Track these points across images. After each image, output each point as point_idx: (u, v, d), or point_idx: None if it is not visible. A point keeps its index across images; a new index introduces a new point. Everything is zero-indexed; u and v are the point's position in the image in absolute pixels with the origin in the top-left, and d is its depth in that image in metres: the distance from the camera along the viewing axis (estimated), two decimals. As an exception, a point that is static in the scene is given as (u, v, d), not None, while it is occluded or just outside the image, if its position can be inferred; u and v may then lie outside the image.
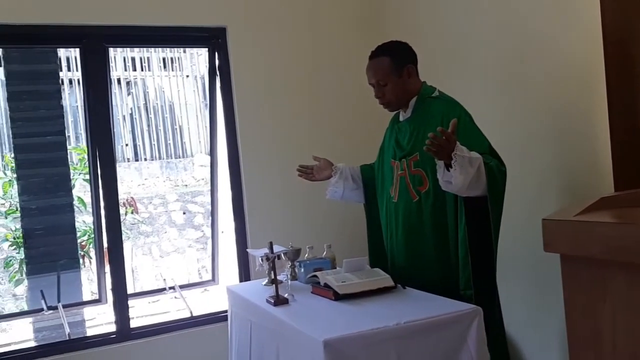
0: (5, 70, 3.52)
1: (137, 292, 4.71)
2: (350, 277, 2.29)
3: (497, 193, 2.16)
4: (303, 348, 1.90)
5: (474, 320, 1.93)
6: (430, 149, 2.03)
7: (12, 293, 5.86)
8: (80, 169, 5.96)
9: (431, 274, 2.34)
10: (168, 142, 8.00)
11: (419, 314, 1.93)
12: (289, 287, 2.35)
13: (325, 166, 2.76)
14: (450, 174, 2.07)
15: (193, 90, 8.14)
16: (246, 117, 3.34)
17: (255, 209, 3.35)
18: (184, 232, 7.21)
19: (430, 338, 1.88)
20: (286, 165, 2.99)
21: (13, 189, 5.52)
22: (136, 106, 7.92)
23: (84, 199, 5.61)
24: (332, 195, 2.78)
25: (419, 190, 2.35)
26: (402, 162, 2.42)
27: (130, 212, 6.87)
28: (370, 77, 2.45)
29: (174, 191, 7.53)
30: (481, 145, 2.21)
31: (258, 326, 2.35)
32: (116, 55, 7.56)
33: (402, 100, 2.45)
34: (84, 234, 5.79)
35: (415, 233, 2.38)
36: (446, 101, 2.39)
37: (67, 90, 6.85)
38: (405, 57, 2.42)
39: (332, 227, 3.35)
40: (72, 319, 3.76)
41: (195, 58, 8.11)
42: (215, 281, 3.61)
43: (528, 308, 2.70)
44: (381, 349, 1.82)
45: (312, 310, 2.14)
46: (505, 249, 2.38)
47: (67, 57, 6.92)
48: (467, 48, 2.94)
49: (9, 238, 5.78)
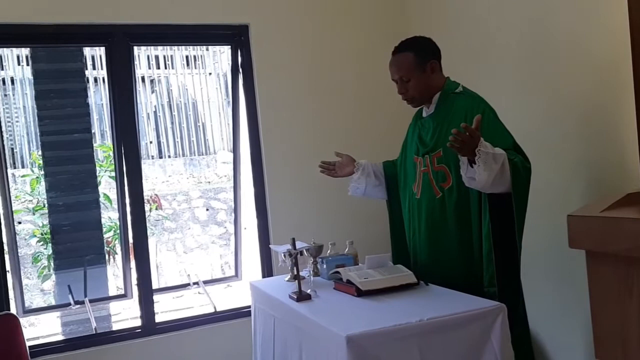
0: (33, 69, 3.58)
1: (161, 287, 4.75)
2: (372, 274, 2.29)
3: (522, 189, 2.14)
4: (326, 344, 1.90)
5: (497, 317, 1.91)
6: (453, 145, 2.02)
7: (40, 288, 5.97)
8: (106, 166, 6.04)
9: (454, 270, 2.32)
10: (191, 140, 8.07)
11: (442, 310, 1.92)
12: (312, 283, 2.36)
13: (348, 162, 2.76)
14: (474, 170, 2.06)
15: (216, 88, 8.19)
16: (269, 114, 3.36)
17: (278, 206, 3.36)
18: (207, 228, 7.28)
19: (454, 335, 1.87)
20: (308, 161, 2.99)
21: (40, 185, 5.63)
22: (160, 104, 8.00)
23: (109, 195, 5.70)
24: (355, 191, 2.78)
25: (442, 187, 2.34)
26: (425, 159, 2.41)
27: (155, 208, 6.96)
28: (394, 72, 2.44)
29: (197, 188, 7.60)
30: (505, 141, 2.18)
31: (281, 322, 2.36)
32: (140, 53, 7.64)
33: (425, 96, 2.43)
34: (110, 230, 5.88)
35: (438, 229, 2.37)
36: (470, 97, 2.37)
37: (92, 89, 6.95)
38: (429, 53, 2.41)
39: (355, 224, 3.35)
40: (99, 313, 3.82)
41: (217, 56, 8.16)
42: (238, 277, 3.64)
43: (553, 305, 2.67)
44: (404, 346, 1.82)
45: (335, 306, 2.15)
46: (530, 246, 2.36)
47: (92, 55, 7.02)
48: (492, 43, 2.91)
49: (36, 234, 5.89)
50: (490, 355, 1.89)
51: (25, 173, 6.43)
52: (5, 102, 6.87)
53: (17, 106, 7.02)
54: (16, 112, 7.04)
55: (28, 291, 5.78)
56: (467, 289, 2.17)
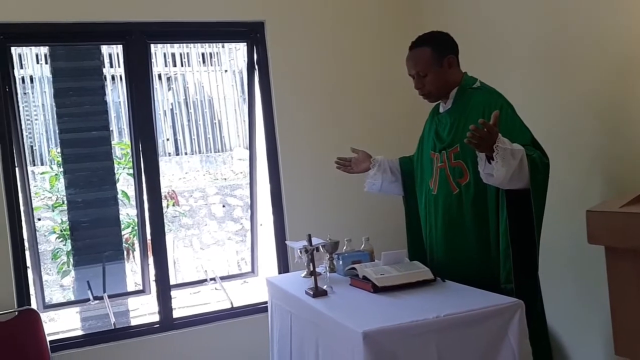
0: (52, 68, 3.62)
1: (179, 283, 4.80)
2: (388, 270, 2.28)
3: (540, 185, 2.11)
4: (342, 339, 1.91)
5: (515, 314, 1.90)
6: (471, 142, 2.00)
7: (60, 284, 6.05)
8: (124, 164, 6.10)
9: (471, 267, 2.31)
10: (207, 137, 8.12)
11: (459, 306, 1.91)
12: (328, 279, 2.37)
13: (364, 158, 2.76)
14: (492, 166, 2.04)
15: (231, 85, 8.22)
16: (284, 110, 3.36)
17: (294, 202, 3.37)
18: (223, 224, 7.32)
19: (471, 331, 1.87)
20: (324, 157, 2.99)
21: (60, 182, 5.71)
22: (176, 101, 8.06)
23: (127, 192, 5.76)
24: (371, 187, 2.77)
25: (459, 183, 2.32)
26: (442, 154, 2.40)
27: (172, 204, 7.01)
28: (410, 67, 2.43)
29: (214, 184, 7.64)
30: (524, 136, 2.16)
31: (298, 317, 2.37)
32: (157, 51, 7.70)
33: (442, 91, 2.42)
34: (128, 226, 5.93)
35: (455, 226, 2.35)
36: (488, 92, 2.35)
37: (109, 87, 7.01)
38: (446, 48, 2.39)
39: (371, 220, 3.34)
40: (117, 309, 3.86)
41: (233, 53, 8.19)
42: (255, 273, 3.66)
43: (571, 301, 2.64)
44: (420, 342, 1.81)
45: (351, 302, 2.15)
46: (548, 242, 2.33)
47: (110, 53, 7.08)
48: (508, 39, 2.89)
49: (56, 230, 5.97)
50: (508, 352, 1.88)
51: (45, 170, 6.52)
52: (25, 100, 6.97)
53: (36, 104, 7.11)
54: (35, 110, 7.13)
55: (48, 287, 5.86)
56: (484, 285, 2.16)
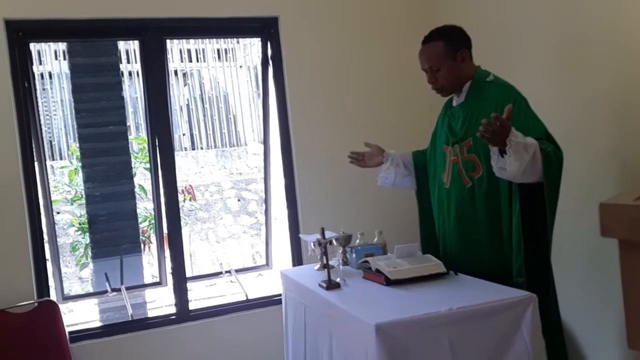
0: (70, 64, 3.67)
1: (195, 275, 4.85)
2: (401, 263, 2.30)
3: (553, 179, 2.11)
4: (355, 332, 1.93)
5: (528, 307, 1.90)
6: (484, 136, 2.00)
7: (78, 276, 6.14)
8: (140, 158, 6.16)
9: (484, 260, 2.32)
10: (223, 132, 8.16)
11: (472, 299, 1.92)
12: (341, 272, 2.39)
13: (377, 152, 2.77)
14: (505, 160, 2.04)
15: (246, 81, 8.25)
16: (298, 105, 3.38)
17: (307, 196, 3.39)
18: (238, 218, 7.37)
19: (483, 324, 1.88)
20: (337, 152, 3.01)
21: (78, 177, 5.78)
22: (192, 97, 8.11)
23: (144, 186, 5.82)
24: (384, 181, 2.78)
25: (472, 176, 2.33)
26: (455, 148, 2.40)
27: (189, 199, 7.07)
28: (423, 62, 2.43)
29: (229, 179, 7.69)
30: (537, 130, 2.16)
31: (311, 309, 2.39)
32: (172, 47, 7.75)
33: (455, 85, 2.42)
34: (145, 220, 6.00)
35: (467, 219, 2.36)
36: (501, 86, 2.34)
37: (127, 82, 7.08)
38: (459, 41, 2.39)
39: (383, 214, 3.35)
40: (134, 300, 3.91)
41: (248, 48, 8.21)
42: (269, 266, 3.69)
43: (585, 295, 2.63)
44: (433, 334, 1.83)
45: (364, 295, 2.17)
46: (562, 236, 2.33)
47: (127, 49, 7.14)
48: (525, 31, 2.87)
49: (74, 224, 6.05)
50: (521, 345, 1.89)
51: (64, 165, 6.61)
52: (44, 96, 7.06)
53: (55, 100, 7.21)
54: (54, 106, 7.23)
55: (67, 279, 5.95)
56: (497, 279, 2.17)
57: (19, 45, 2.98)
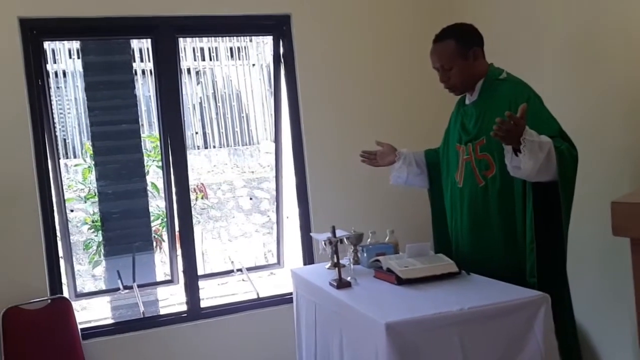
0: (83, 62, 3.69)
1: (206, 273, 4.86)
2: (413, 262, 2.28)
3: (568, 178, 2.08)
4: (365, 331, 1.91)
5: (541, 308, 1.88)
6: (497, 135, 1.98)
7: (92, 274, 6.19)
8: (153, 156, 6.19)
9: (497, 260, 2.29)
10: (235, 130, 8.18)
11: (484, 299, 1.90)
12: (352, 270, 2.37)
13: (389, 151, 2.75)
14: (519, 159, 2.01)
15: (259, 79, 8.27)
16: (310, 104, 3.37)
17: (319, 195, 3.38)
18: (250, 217, 7.38)
19: (495, 324, 1.85)
20: (349, 150, 3.00)
21: (92, 175, 5.82)
22: (205, 95, 8.13)
23: (157, 184, 5.84)
24: (396, 180, 2.77)
25: (485, 175, 2.30)
26: (468, 147, 2.38)
27: (201, 197, 7.10)
28: (435, 61, 2.41)
29: (241, 177, 7.71)
30: (551, 128, 2.13)
31: (322, 308, 2.38)
32: (186, 45, 7.78)
33: (467, 84, 2.40)
34: (157, 218, 6.02)
35: (480, 219, 2.34)
36: (514, 83, 2.32)
37: (140, 81, 7.11)
38: (471, 40, 2.37)
39: (395, 213, 3.34)
40: (147, 298, 3.93)
41: (261, 47, 8.22)
42: (281, 264, 3.69)
43: (600, 295, 2.60)
44: (444, 334, 1.81)
45: (375, 294, 2.15)
46: (576, 235, 2.30)
47: (140, 48, 7.18)
48: (536, 26, 2.84)
49: (88, 222, 6.10)
50: (533, 346, 1.87)
51: (78, 163, 6.66)
52: (58, 94, 7.12)
53: (69, 98, 7.26)
54: (68, 104, 7.28)
55: (80, 277, 6.00)
56: (510, 279, 2.14)
57: (33, 43, 3.00)
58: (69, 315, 2.96)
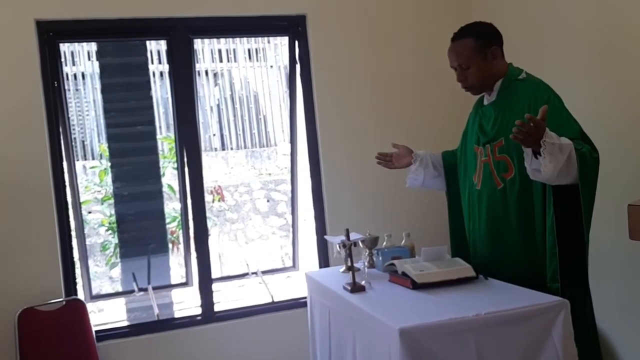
0: (100, 64, 3.70)
1: (221, 276, 4.85)
2: (429, 266, 2.24)
3: (589, 181, 2.03)
4: (379, 336, 1.88)
5: (560, 314, 1.83)
6: (517, 137, 1.93)
7: (109, 275, 6.22)
8: (169, 158, 6.20)
9: (516, 265, 2.24)
10: (253, 132, 8.17)
11: (501, 305, 1.86)
12: (366, 274, 2.33)
13: (405, 153, 2.71)
14: (539, 161, 1.96)
15: (277, 81, 8.25)
16: (325, 105, 3.34)
17: (335, 197, 3.35)
18: (267, 219, 7.36)
19: (512, 330, 1.81)
20: (365, 152, 2.96)
21: (108, 176, 5.84)
22: (223, 97, 8.14)
23: (173, 186, 5.84)
24: (412, 183, 2.73)
25: (504, 177, 2.25)
26: (486, 148, 2.33)
27: (218, 200, 7.09)
28: (453, 60, 2.36)
29: (258, 179, 7.70)
30: (572, 130, 2.07)
31: (336, 312, 2.35)
32: (204, 47, 7.79)
33: (486, 84, 2.35)
34: (174, 220, 6.02)
35: (499, 222, 2.28)
36: (534, 84, 2.26)
37: (158, 83, 7.14)
38: (490, 38, 2.32)
39: (412, 215, 3.29)
40: (162, 300, 3.93)
41: (279, 48, 8.21)
42: (296, 267, 3.66)
43: (622, 300, 2.53)
44: (459, 340, 1.77)
45: (389, 299, 2.11)
46: (597, 239, 2.24)
47: (158, 50, 7.21)
48: (558, 25, 2.78)
49: (105, 223, 6.13)
50: (552, 352, 1.81)
51: (94, 165, 6.70)
52: (77, 96, 7.18)
53: (88, 100, 7.32)
54: (87, 106, 7.34)
55: (97, 278, 6.03)
56: (530, 284, 2.08)
57: (49, 45, 3.02)
58: (84, 317, 2.96)
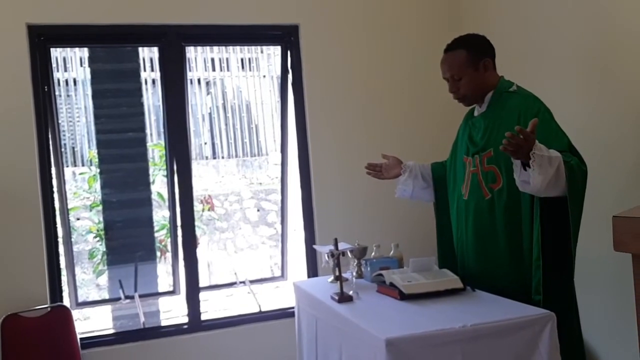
0: (91, 69, 3.69)
1: (209, 285, 4.82)
2: (416, 277, 2.23)
3: (577, 193, 2.03)
4: (365, 346, 1.86)
5: (546, 326, 1.82)
6: (507, 149, 1.94)
7: (96, 283, 6.16)
8: (160, 165, 6.16)
9: (503, 276, 2.24)
10: (244, 141, 8.16)
11: (488, 317, 1.85)
12: (354, 284, 2.32)
13: (395, 164, 2.71)
14: (528, 173, 1.97)
15: (269, 90, 8.26)
16: (316, 115, 3.35)
17: (324, 207, 3.34)
18: (257, 229, 7.34)
19: (499, 342, 1.80)
20: (355, 163, 2.96)
21: (97, 183, 5.80)
22: (215, 106, 8.13)
23: (163, 194, 5.80)
24: (402, 193, 2.72)
25: (492, 188, 2.25)
26: (475, 158, 2.33)
27: (207, 209, 7.06)
28: (445, 71, 2.37)
29: (249, 189, 7.68)
30: (561, 142, 2.08)
31: (323, 322, 2.33)
32: (197, 56, 7.79)
33: (477, 95, 2.36)
34: (163, 227, 5.98)
35: (486, 233, 2.28)
36: (524, 96, 2.27)
37: (150, 90, 7.12)
38: (482, 50, 2.33)
39: (401, 226, 3.29)
40: (148, 309, 3.90)
41: (272, 58, 8.22)
42: (285, 277, 3.64)
43: (609, 314, 2.53)
44: (446, 351, 1.76)
45: (376, 309, 2.10)
46: (585, 252, 2.24)
47: (151, 57, 7.20)
48: (548, 40, 2.80)
49: (92, 230, 6.07)
50: (538, 365, 1.81)
51: (83, 171, 6.65)
52: (68, 102, 7.15)
53: (79, 106, 7.29)
54: (77, 112, 7.31)
55: (84, 285, 5.97)
56: (516, 296, 2.09)
57: (40, 49, 3.01)
58: (69, 324, 2.93)
